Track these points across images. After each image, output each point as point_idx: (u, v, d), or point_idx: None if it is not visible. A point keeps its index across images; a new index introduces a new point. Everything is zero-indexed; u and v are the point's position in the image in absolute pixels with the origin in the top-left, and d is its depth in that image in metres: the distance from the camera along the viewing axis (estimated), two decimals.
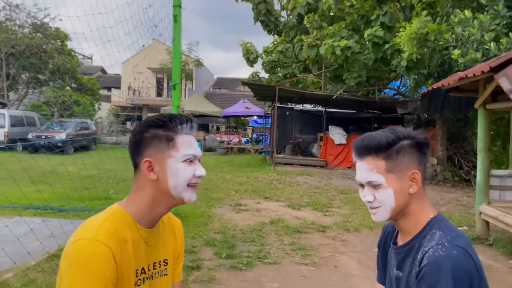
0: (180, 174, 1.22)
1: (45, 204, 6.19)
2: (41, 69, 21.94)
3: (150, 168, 1.23)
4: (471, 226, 6.24)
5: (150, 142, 1.24)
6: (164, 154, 1.22)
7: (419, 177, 1.25)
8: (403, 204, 1.27)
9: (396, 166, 1.25)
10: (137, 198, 1.26)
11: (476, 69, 4.92)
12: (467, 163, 11.50)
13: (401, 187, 1.26)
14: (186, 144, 1.24)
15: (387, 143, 1.25)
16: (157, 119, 1.25)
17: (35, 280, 3.57)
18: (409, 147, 1.25)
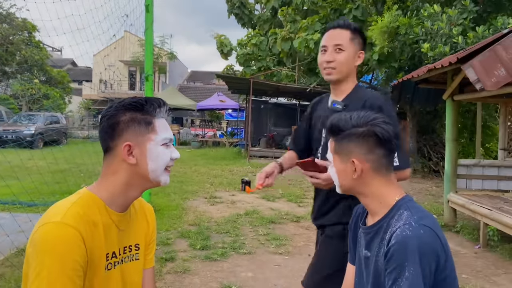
0: (159, 157, 1.23)
1: (13, 198, 6.02)
2: (8, 61, 21.14)
3: (129, 152, 1.21)
4: (439, 214, 6.45)
5: (128, 126, 1.22)
6: (144, 138, 1.22)
7: (360, 164, 1.28)
8: (349, 185, 1.34)
9: (341, 150, 1.33)
10: (109, 181, 1.24)
11: (444, 61, 5.05)
12: (436, 154, 11.83)
13: (343, 169, 1.33)
14: (164, 128, 1.25)
15: (335, 128, 1.34)
16: (134, 102, 1.23)
17: (3, 275, 3.48)
18: (359, 135, 1.28)
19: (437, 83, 6.40)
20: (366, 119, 1.29)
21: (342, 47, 1.82)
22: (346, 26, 1.85)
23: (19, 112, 20.12)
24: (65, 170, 8.70)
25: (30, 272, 1.08)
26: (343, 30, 1.84)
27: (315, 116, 1.98)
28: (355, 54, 1.85)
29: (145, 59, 5.62)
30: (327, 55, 1.84)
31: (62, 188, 7.00)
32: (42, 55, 22.41)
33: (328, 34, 1.87)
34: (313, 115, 2.00)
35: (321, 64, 1.88)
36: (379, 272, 1.24)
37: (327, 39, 1.86)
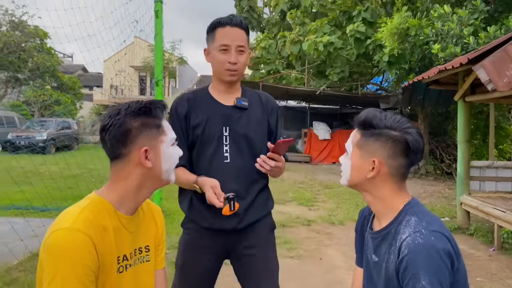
0: (171, 157, 1.29)
1: (27, 204, 6.09)
2: (20, 68, 21.46)
3: (145, 156, 1.23)
4: (452, 217, 6.37)
5: (141, 131, 1.23)
6: (157, 141, 1.25)
7: (379, 166, 1.26)
8: (359, 181, 1.32)
9: (365, 146, 1.29)
10: (119, 186, 1.25)
11: (455, 62, 5.01)
12: (448, 156, 11.70)
13: (360, 165, 1.30)
14: (169, 128, 1.30)
15: (367, 122, 1.29)
16: (142, 107, 1.24)
17: (17, 279, 3.52)
18: (389, 138, 1.25)
19: (448, 84, 6.34)
20: (401, 124, 1.26)
21: (243, 49, 1.80)
22: (244, 27, 1.81)
23: (32, 118, 20.38)
24: (77, 175, 8.78)
25: (44, 278, 1.10)
26: (241, 30, 1.79)
27: (202, 116, 1.81)
28: (248, 55, 1.86)
29: (155, 64, 5.66)
30: (231, 56, 1.76)
31: (74, 193, 7.07)
32: (54, 62, 22.70)
33: (228, 32, 1.76)
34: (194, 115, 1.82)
35: (223, 63, 1.78)
36: (390, 279, 1.23)
37: (227, 37, 1.76)
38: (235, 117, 1.83)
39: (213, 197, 1.64)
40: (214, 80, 1.89)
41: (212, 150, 1.80)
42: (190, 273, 1.86)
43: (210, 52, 1.83)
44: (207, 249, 1.84)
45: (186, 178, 1.78)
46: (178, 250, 1.91)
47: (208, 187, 1.67)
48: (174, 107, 1.86)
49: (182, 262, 1.87)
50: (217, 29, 1.78)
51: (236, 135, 1.81)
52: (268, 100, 1.96)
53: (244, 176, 1.81)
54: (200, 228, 1.83)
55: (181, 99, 1.87)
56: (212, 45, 1.81)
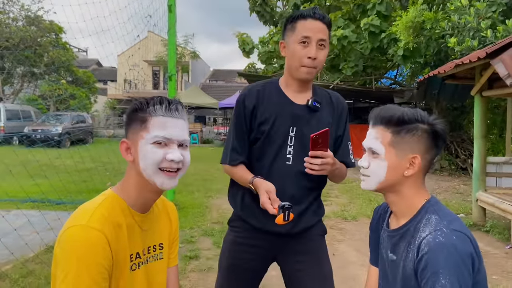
0: (147, 155, 1.19)
1: (42, 197, 6.18)
2: (36, 63, 21.77)
3: (128, 150, 1.24)
4: (468, 213, 6.28)
5: (129, 124, 1.24)
6: (137, 136, 1.22)
7: (418, 162, 1.24)
8: (393, 182, 1.27)
9: (400, 144, 1.25)
10: (127, 181, 1.26)
11: (472, 56, 4.91)
12: (463, 151, 11.53)
13: (397, 164, 1.25)
14: (158, 126, 1.20)
15: (400, 119, 1.25)
16: (138, 101, 1.24)
17: (33, 272, 3.58)
18: (423, 132, 1.24)
19: (464, 79, 6.23)
20: (427, 117, 1.25)
21: (325, 43, 1.68)
22: (327, 21, 1.68)
23: (47, 112, 20.69)
24: (91, 168, 8.89)
25: (58, 273, 1.11)
26: (324, 24, 1.67)
27: (271, 112, 1.72)
28: (327, 52, 1.73)
29: (169, 58, 5.68)
30: (311, 50, 1.64)
31: (88, 187, 7.16)
32: (69, 56, 22.98)
33: (310, 25, 1.64)
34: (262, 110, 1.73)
35: (301, 58, 1.65)
36: (408, 277, 1.22)
37: (309, 30, 1.64)
38: (305, 118, 1.73)
39: (267, 202, 1.54)
40: (287, 75, 1.76)
41: (275, 149, 1.71)
42: (237, 273, 1.79)
43: (287, 45, 1.71)
44: (256, 249, 1.78)
45: (242, 176, 1.71)
46: (222, 248, 1.85)
47: (263, 191, 1.56)
48: (242, 99, 1.75)
49: (228, 262, 1.81)
50: (299, 21, 1.66)
51: (302, 137, 1.70)
52: (338, 101, 1.84)
53: (303, 181, 1.71)
54: (251, 228, 1.76)
55: (250, 91, 1.76)
56: (291, 37, 1.68)
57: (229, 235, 1.85)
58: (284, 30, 1.74)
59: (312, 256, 1.79)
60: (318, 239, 1.83)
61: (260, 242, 1.77)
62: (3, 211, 5.27)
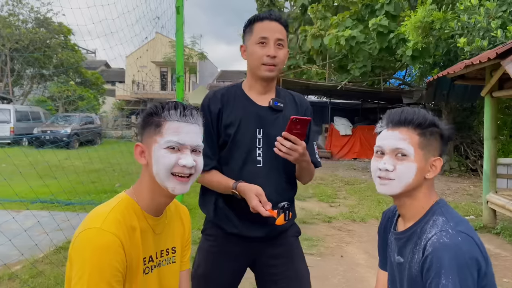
0: (160, 160, 1.20)
1: (52, 197, 6.23)
2: (45, 64, 22.00)
3: (142, 154, 1.24)
4: (478, 215, 6.22)
5: (144, 128, 1.25)
6: (151, 140, 1.22)
7: (440, 165, 1.25)
8: (417, 184, 1.25)
9: (427, 146, 1.24)
10: (141, 185, 1.27)
11: (482, 56, 4.86)
12: (473, 152, 11.43)
13: (423, 167, 1.24)
14: (172, 131, 1.20)
15: (429, 122, 1.24)
16: (153, 105, 1.25)
17: (43, 272, 3.60)
18: (438, 135, 1.26)
19: (474, 79, 6.18)
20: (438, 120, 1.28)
21: (283, 43, 1.70)
22: (283, 22, 1.71)
23: (56, 113, 20.86)
24: (99, 169, 8.94)
25: (72, 276, 1.11)
26: (280, 24, 1.70)
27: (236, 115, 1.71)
28: (287, 52, 1.77)
29: (176, 60, 5.68)
30: (270, 49, 1.66)
31: (97, 188, 7.20)
32: (77, 58, 23.18)
33: (266, 26, 1.68)
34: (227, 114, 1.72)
35: (260, 58, 1.67)
36: (414, 279, 1.21)
37: (266, 30, 1.67)
38: (270, 119, 1.73)
39: (259, 205, 1.53)
40: (250, 77, 1.78)
41: (245, 153, 1.70)
42: (214, 282, 1.77)
43: (247, 47, 1.73)
44: (233, 256, 1.76)
45: (220, 182, 1.68)
46: (197, 258, 1.81)
47: (253, 195, 1.55)
48: (207, 104, 1.75)
49: (204, 271, 1.77)
50: (256, 23, 1.70)
51: (270, 139, 1.68)
52: (302, 101, 1.87)
53: (276, 182, 1.71)
54: (226, 235, 1.74)
55: (214, 96, 1.76)
56: (249, 39, 1.71)
57: (203, 244, 1.82)
58: (243, 34, 1.77)
59: (287, 258, 1.78)
60: (292, 241, 1.83)
61: (235, 249, 1.75)
62: (13, 212, 5.32)
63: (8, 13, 21.29)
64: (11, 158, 4.73)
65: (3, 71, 21.42)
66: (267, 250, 1.77)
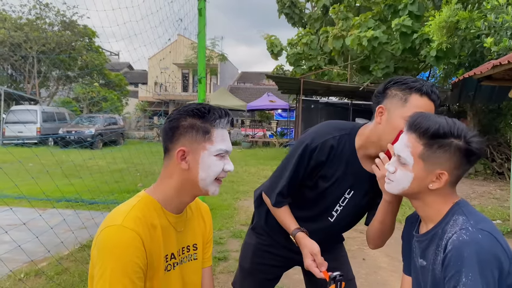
0: (211, 167, 1.23)
1: (76, 196, 6.36)
2: (70, 66, 22.53)
3: (183, 157, 1.23)
4: (505, 220, 6.05)
5: (187, 131, 1.23)
6: (199, 146, 1.22)
7: (445, 178, 1.20)
8: (416, 191, 1.25)
9: (430, 158, 1.20)
10: (165, 184, 1.27)
11: (510, 56, 4.74)
12: (500, 155, 11.13)
13: (423, 177, 1.22)
14: (221, 139, 1.24)
15: (434, 132, 1.18)
16: (197, 109, 1.24)
17: (68, 269, 3.68)
18: (456, 148, 1.18)
19: (502, 80, 6.03)
20: (465, 132, 1.18)
21: None
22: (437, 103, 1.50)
23: (81, 114, 21.31)
24: (123, 169, 9.07)
25: (95, 273, 1.13)
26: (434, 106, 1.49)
27: (337, 172, 1.62)
28: None
29: (198, 62, 5.72)
30: None
31: (120, 187, 7.32)
32: (101, 60, 23.66)
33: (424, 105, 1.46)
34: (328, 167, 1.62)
35: None
36: (437, 281, 1.19)
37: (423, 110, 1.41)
38: (364, 185, 1.65)
39: (313, 265, 1.52)
40: (370, 140, 1.57)
41: (325, 206, 1.67)
42: (258, 277, 1.84)
43: (390, 114, 1.50)
44: (279, 258, 1.82)
45: (285, 221, 1.66)
46: (244, 250, 1.89)
47: (307, 253, 1.53)
48: (311, 150, 1.59)
49: (251, 265, 1.85)
50: (414, 94, 1.47)
51: (354, 202, 1.67)
52: None
53: (336, 236, 1.84)
54: (275, 240, 1.81)
55: (324, 145, 1.59)
56: (398, 108, 1.47)
57: (252, 239, 1.86)
58: (384, 91, 1.53)
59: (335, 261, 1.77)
60: (338, 246, 1.91)
61: (283, 253, 1.81)
62: (40, 210, 5.46)
63: (35, 17, 21.91)
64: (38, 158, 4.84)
65: (31, 73, 22.02)
66: None
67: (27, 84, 22.40)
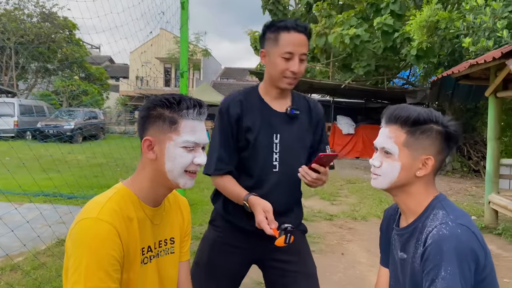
0: (177, 159, 1.20)
1: (55, 191, 6.26)
2: (50, 59, 22.06)
3: (150, 147, 1.22)
4: (479, 216, 6.21)
5: (155, 121, 1.22)
6: (165, 136, 1.21)
7: (431, 163, 1.24)
8: (405, 182, 1.27)
9: (415, 144, 1.24)
10: (140, 176, 1.26)
11: (487, 56, 4.85)
12: (476, 153, 11.40)
13: (410, 165, 1.25)
14: (189, 130, 1.21)
15: (415, 119, 1.23)
16: (166, 99, 1.22)
17: (45, 264, 3.63)
18: (437, 133, 1.23)
19: (479, 79, 6.17)
20: (441, 118, 1.25)
21: (305, 57, 1.71)
22: (308, 33, 1.69)
23: (60, 108, 20.92)
24: (102, 164, 8.96)
25: (69, 266, 1.12)
26: (306, 36, 1.68)
27: (255, 120, 1.74)
28: None
29: (181, 55, 5.68)
30: (295, 65, 1.67)
31: (100, 182, 7.22)
32: (82, 53, 23.23)
33: (293, 39, 1.65)
34: (246, 119, 1.74)
35: (283, 71, 1.68)
36: (416, 273, 1.22)
37: (293, 45, 1.65)
38: (286, 125, 1.77)
39: (264, 221, 1.52)
40: (268, 83, 1.78)
41: (263, 157, 1.73)
42: (216, 271, 1.80)
43: (269, 55, 1.71)
44: (237, 250, 1.79)
45: (234, 191, 1.69)
46: (201, 246, 1.86)
47: (260, 210, 1.54)
48: (226, 108, 1.76)
49: (208, 259, 1.82)
50: (282, 33, 1.66)
51: (286, 144, 1.74)
52: (316, 107, 1.89)
53: (289, 186, 1.77)
54: (234, 229, 1.78)
55: (233, 100, 1.77)
56: (273, 48, 1.69)
57: (210, 234, 1.86)
58: (263, 37, 1.73)
59: (294, 254, 1.79)
60: (299, 238, 1.85)
61: (241, 244, 1.78)
62: (16, 204, 5.35)
63: (13, 7, 21.36)
64: (15, 151, 4.74)
65: (8, 65, 21.49)
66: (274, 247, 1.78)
67: (4, 76, 21.86)
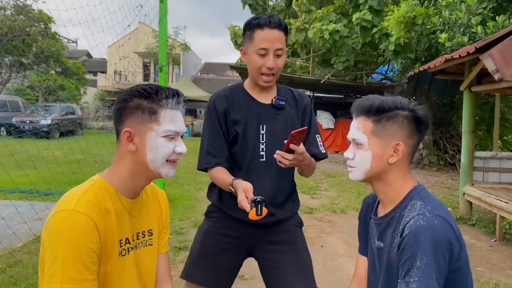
0: (159, 149, 1.21)
1: (31, 187, 6.13)
2: (25, 53, 21.45)
3: (129, 139, 1.21)
4: (455, 207, 6.37)
5: (133, 112, 1.21)
6: (145, 127, 1.20)
7: (402, 149, 1.26)
8: (379, 170, 1.29)
9: (382, 132, 1.26)
10: (118, 167, 1.25)
11: (462, 51, 4.96)
12: (452, 147, 11.66)
13: (381, 153, 1.27)
14: (169, 119, 1.22)
15: (379, 107, 1.26)
16: (143, 89, 1.22)
17: (21, 261, 3.56)
18: (404, 118, 1.26)
19: (454, 74, 6.30)
20: (407, 104, 1.27)
21: (282, 52, 1.73)
22: (283, 27, 1.73)
23: (36, 103, 20.43)
24: (80, 160, 8.82)
25: (46, 259, 1.10)
26: (280, 31, 1.71)
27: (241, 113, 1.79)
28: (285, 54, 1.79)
29: (159, 49, 5.64)
30: (269, 61, 1.70)
31: (78, 178, 7.09)
32: (58, 47, 22.68)
33: (267, 35, 1.69)
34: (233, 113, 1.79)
35: (259, 68, 1.72)
36: (392, 263, 1.24)
37: (266, 41, 1.69)
38: (272, 116, 1.81)
39: (244, 200, 1.52)
40: (250, 79, 1.84)
41: (251, 148, 1.78)
42: (209, 261, 1.80)
43: (247, 53, 1.77)
44: (231, 239, 1.81)
45: (223, 180, 1.72)
46: (196, 236, 1.88)
47: (241, 190, 1.56)
48: (213, 104, 1.81)
49: (201, 248, 1.83)
50: (256, 30, 1.71)
51: (272, 134, 1.78)
52: (301, 97, 1.93)
53: (278, 175, 1.78)
54: (229, 218, 1.80)
55: (219, 96, 1.83)
56: (249, 46, 1.74)
57: (204, 225, 1.90)
58: (243, 35, 1.79)
59: (289, 245, 1.81)
60: (294, 230, 1.87)
61: (235, 233, 1.81)
62: None
63: None
64: None
65: None
66: (269, 237, 1.81)
67: None
